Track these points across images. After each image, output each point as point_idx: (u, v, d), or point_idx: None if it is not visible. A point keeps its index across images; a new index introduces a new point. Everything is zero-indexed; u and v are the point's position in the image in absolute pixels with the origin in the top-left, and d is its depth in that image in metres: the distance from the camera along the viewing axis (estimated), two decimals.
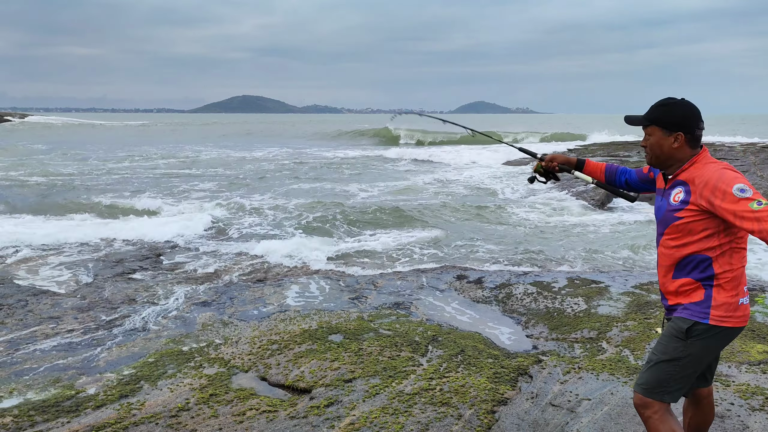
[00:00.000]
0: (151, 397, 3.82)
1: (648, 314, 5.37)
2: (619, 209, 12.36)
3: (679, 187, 2.39)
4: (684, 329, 2.35)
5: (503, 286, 6.51)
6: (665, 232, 2.43)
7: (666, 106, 2.44)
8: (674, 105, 2.43)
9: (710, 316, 2.32)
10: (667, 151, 2.42)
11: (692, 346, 2.35)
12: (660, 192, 2.54)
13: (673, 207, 2.38)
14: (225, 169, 21.19)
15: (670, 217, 2.39)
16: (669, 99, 2.46)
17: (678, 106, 2.42)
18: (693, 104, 2.42)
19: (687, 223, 2.33)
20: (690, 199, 2.31)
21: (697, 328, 2.33)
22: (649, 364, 2.43)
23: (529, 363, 4.33)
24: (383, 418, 3.49)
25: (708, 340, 2.36)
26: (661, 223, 2.46)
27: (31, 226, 9.74)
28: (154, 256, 8.09)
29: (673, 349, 2.37)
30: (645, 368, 2.45)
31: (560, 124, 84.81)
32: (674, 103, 2.43)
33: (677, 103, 2.43)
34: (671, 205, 2.40)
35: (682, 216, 2.34)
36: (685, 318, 2.36)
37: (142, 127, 72.88)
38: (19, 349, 4.76)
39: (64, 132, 54.19)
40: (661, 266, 2.48)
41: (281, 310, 5.76)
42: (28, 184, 16.03)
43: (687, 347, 2.35)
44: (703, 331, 2.33)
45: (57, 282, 6.75)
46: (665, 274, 2.47)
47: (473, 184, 17.22)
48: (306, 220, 10.88)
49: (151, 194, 14.28)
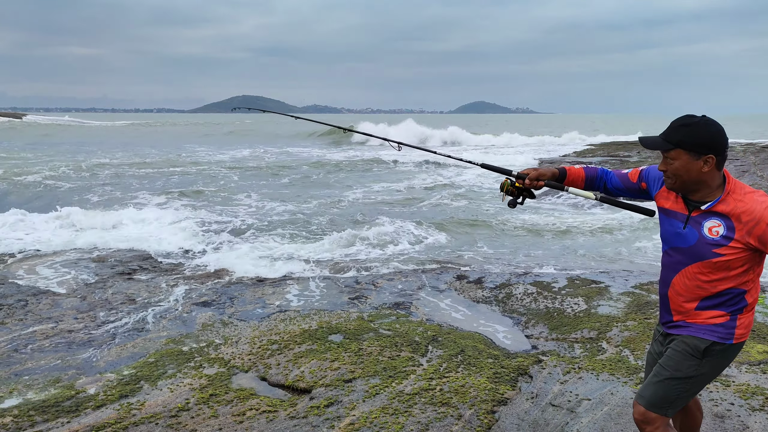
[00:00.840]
0: (151, 397, 3.82)
1: (648, 314, 5.37)
2: (616, 209, 12.35)
3: (716, 219, 2.19)
4: (702, 349, 2.26)
5: (503, 286, 6.51)
6: (695, 263, 2.25)
7: (690, 126, 2.18)
8: (700, 125, 2.17)
9: (735, 335, 2.27)
10: (695, 176, 2.19)
11: (706, 365, 2.29)
12: (680, 217, 2.30)
13: (711, 241, 2.19)
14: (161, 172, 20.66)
15: (707, 252, 2.20)
16: (690, 117, 2.22)
17: (705, 126, 2.17)
18: (717, 122, 2.20)
19: (728, 261, 2.18)
20: (735, 236, 2.16)
21: (715, 348, 2.26)
22: (657, 378, 2.33)
23: (529, 363, 4.33)
24: (383, 418, 3.49)
25: (724, 359, 2.31)
26: (688, 254, 2.27)
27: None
28: (154, 257, 8.09)
29: (687, 367, 2.28)
30: (652, 381, 2.34)
31: (560, 124, 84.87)
32: (699, 123, 2.18)
33: (702, 122, 2.18)
34: (707, 239, 2.20)
35: (723, 253, 2.18)
36: (703, 338, 2.27)
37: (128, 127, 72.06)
38: (19, 349, 4.76)
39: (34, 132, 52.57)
40: (680, 293, 2.33)
41: (281, 310, 5.76)
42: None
43: (701, 366, 2.28)
44: (720, 351, 2.28)
45: (57, 282, 6.75)
46: (685, 300, 2.32)
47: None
48: (298, 221, 10.89)
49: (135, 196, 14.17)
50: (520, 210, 12.32)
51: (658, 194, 2.42)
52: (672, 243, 2.34)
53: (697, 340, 2.27)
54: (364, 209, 11.83)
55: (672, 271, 2.35)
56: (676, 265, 2.33)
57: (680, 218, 2.30)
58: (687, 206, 2.28)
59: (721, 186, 2.22)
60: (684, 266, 2.29)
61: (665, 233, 2.38)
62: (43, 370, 4.35)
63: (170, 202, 12.98)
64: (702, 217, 2.23)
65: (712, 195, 2.22)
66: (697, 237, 2.23)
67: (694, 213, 2.25)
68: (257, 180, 17.96)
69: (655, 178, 2.45)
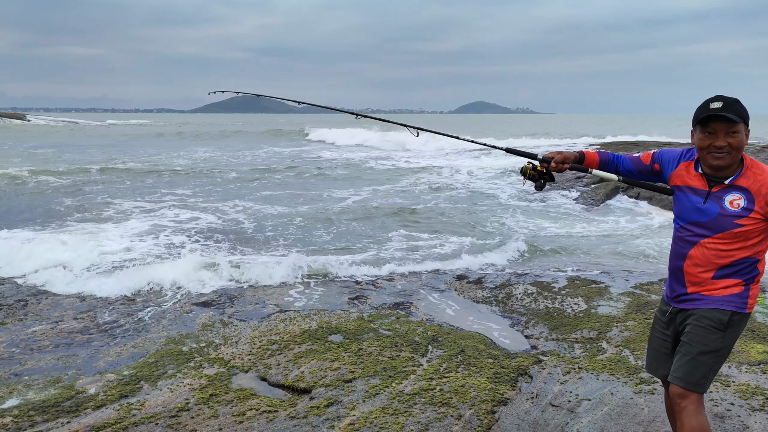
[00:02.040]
0: (151, 397, 3.82)
1: (648, 314, 5.37)
2: (616, 209, 12.37)
3: (737, 193, 2.35)
4: (724, 320, 2.38)
5: (503, 286, 6.51)
6: (716, 235, 2.38)
7: (739, 102, 2.35)
8: (740, 101, 2.36)
9: (748, 305, 2.41)
10: (742, 149, 2.37)
11: (729, 337, 2.40)
12: (700, 193, 2.43)
13: (732, 213, 2.34)
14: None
15: (728, 223, 2.35)
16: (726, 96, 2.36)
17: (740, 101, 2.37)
18: None
19: (747, 231, 2.34)
20: (755, 207, 2.32)
21: (734, 318, 2.39)
22: (687, 356, 2.41)
23: (529, 363, 4.33)
24: (383, 418, 3.49)
25: (740, 329, 2.44)
26: (708, 226, 2.40)
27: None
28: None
29: (713, 341, 2.38)
30: (683, 361, 2.42)
31: (562, 123, 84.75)
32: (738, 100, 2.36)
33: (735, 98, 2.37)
34: (728, 211, 2.35)
35: (743, 224, 2.33)
36: (722, 309, 2.38)
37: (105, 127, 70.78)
38: (19, 349, 4.76)
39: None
40: (698, 264, 2.43)
41: (281, 310, 5.76)
42: None
43: (725, 338, 2.39)
44: (738, 321, 2.41)
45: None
46: (703, 271, 2.43)
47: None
48: (295, 222, 10.89)
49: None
50: (520, 211, 12.33)
51: (673, 174, 2.56)
52: (691, 218, 2.45)
53: (718, 312, 2.39)
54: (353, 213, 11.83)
55: (689, 244, 2.46)
56: (695, 237, 2.44)
57: (700, 194, 2.43)
58: (708, 182, 2.42)
59: (741, 162, 2.39)
60: (703, 238, 2.42)
61: (682, 209, 2.49)
62: (43, 370, 4.35)
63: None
64: (722, 191, 2.38)
65: (734, 170, 2.38)
66: (717, 210, 2.37)
67: (715, 188, 2.40)
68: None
69: (670, 160, 2.59)
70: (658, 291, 6.13)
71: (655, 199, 12.56)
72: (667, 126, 64.27)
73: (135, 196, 13.93)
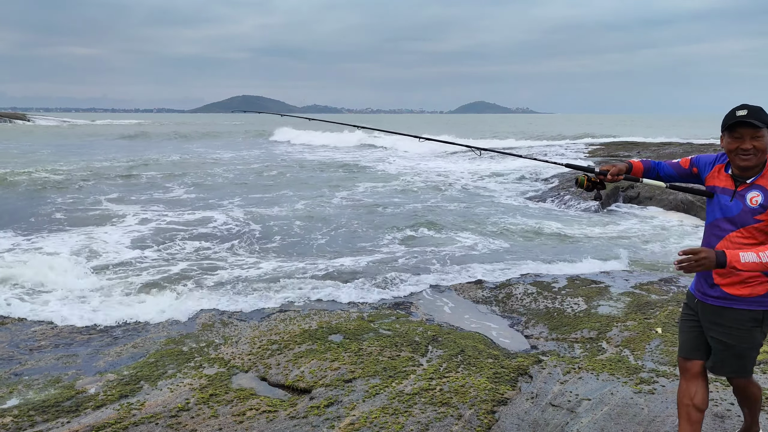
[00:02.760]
0: (151, 397, 3.82)
1: (648, 314, 5.37)
2: (618, 213, 12.36)
3: (756, 191, 2.59)
4: (760, 318, 2.64)
5: (503, 286, 6.51)
6: (739, 230, 2.62)
7: (762, 109, 2.59)
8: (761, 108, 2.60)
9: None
10: (766, 152, 2.59)
11: (763, 333, 2.70)
12: (727, 192, 2.70)
13: (752, 209, 2.58)
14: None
15: (749, 218, 2.59)
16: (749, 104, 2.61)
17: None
18: None
19: (766, 226, 2.56)
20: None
21: (766, 316, 2.65)
22: (740, 354, 2.71)
23: (529, 363, 4.33)
24: (383, 418, 3.49)
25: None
26: (733, 221, 2.64)
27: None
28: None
29: (754, 338, 2.68)
30: (732, 359, 2.71)
31: (563, 123, 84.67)
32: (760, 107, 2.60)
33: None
34: (749, 207, 2.59)
35: (761, 219, 2.56)
36: (755, 309, 2.64)
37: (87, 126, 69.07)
38: (19, 349, 4.76)
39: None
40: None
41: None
42: None
43: (761, 335, 2.69)
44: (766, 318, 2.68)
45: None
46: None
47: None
48: (293, 224, 10.89)
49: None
50: (521, 211, 12.33)
51: (708, 176, 2.82)
52: (719, 215, 2.71)
53: (754, 312, 2.65)
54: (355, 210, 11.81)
55: (717, 238, 2.71)
56: (722, 232, 2.69)
57: (728, 193, 2.70)
58: (735, 182, 2.68)
59: (764, 164, 2.62)
60: (728, 232, 2.66)
61: (714, 207, 2.75)
62: (43, 370, 4.35)
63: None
64: (746, 190, 2.63)
65: (757, 171, 2.62)
66: (741, 207, 2.62)
67: (740, 188, 2.65)
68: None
69: (706, 163, 2.86)
70: (658, 291, 6.13)
71: (655, 200, 12.57)
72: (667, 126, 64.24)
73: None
